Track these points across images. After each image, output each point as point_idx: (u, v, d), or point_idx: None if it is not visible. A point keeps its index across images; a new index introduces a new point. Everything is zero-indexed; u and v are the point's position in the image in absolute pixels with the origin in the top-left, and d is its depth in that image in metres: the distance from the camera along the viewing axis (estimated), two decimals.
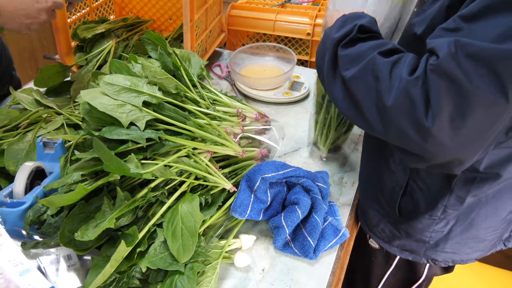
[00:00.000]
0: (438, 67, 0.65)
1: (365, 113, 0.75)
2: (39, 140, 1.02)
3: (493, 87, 0.62)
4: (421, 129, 0.68)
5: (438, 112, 0.65)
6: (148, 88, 0.93)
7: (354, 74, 0.76)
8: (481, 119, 0.65)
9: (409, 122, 0.68)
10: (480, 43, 0.62)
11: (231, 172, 1.03)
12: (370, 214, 1.09)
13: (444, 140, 0.68)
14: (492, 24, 0.63)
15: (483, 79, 0.62)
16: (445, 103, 0.65)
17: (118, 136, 0.86)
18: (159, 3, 1.67)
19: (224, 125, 1.02)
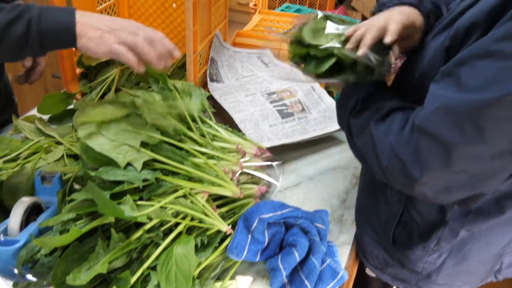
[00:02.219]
0: (420, 127, 0.72)
1: (371, 167, 0.84)
2: (37, 173, 1.02)
3: (474, 137, 0.66)
4: (412, 180, 0.74)
5: (425, 166, 0.72)
6: (146, 129, 0.92)
7: (360, 144, 0.86)
8: (467, 167, 0.70)
9: (403, 176, 0.76)
10: (460, 97, 0.67)
11: (229, 211, 1.02)
12: (365, 240, 1.08)
13: (434, 188, 0.75)
14: (476, 71, 0.66)
15: (463, 132, 0.67)
16: (431, 158, 0.71)
17: (114, 177, 0.86)
18: (165, 30, 1.68)
19: (222, 164, 1.01)
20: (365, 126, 0.84)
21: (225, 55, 1.58)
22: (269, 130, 1.28)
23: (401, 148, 0.75)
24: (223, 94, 1.39)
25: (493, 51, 0.64)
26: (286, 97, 1.39)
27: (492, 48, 0.64)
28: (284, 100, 1.38)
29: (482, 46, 0.66)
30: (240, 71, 1.56)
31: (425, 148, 0.71)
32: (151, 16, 1.66)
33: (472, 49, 0.68)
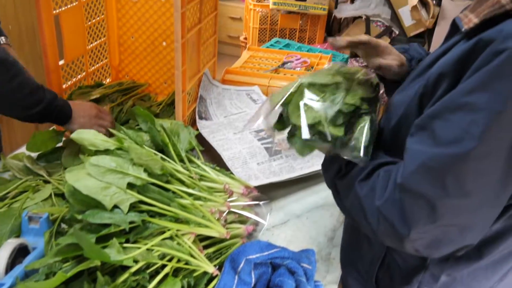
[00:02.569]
0: (403, 186, 0.72)
1: (362, 227, 0.84)
2: (24, 214, 1.02)
3: (456, 191, 0.68)
4: (401, 238, 0.75)
5: (412, 223, 0.72)
6: (133, 170, 0.93)
7: (348, 205, 0.87)
8: (453, 221, 0.71)
9: (392, 235, 0.76)
10: (437, 152, 0.68)
11: (216, 252, 1.02)
12: (349, 281, 1.08)
13: (424, 243, 0.75)
14: (449, 125, 0.68)
15: (445, 187, 0.68)
16: (417, 215, 0.71)
17: (100, 220, 0.87)
18: (154, 67, 1.71)
19: (209, 204, 1.02)
20: (351, 187, 0.84)
21: (214, 93, 1.61)
22: (257, 168, 1.30)
23: (386, 209, 0.75)
24: (211, 132, 1.41)
25: (463, 104, 0.66)
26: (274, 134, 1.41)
27: (461, 101, 0.67)
28: (272, 137, 1.40)
29: (452, 99, 0.69)
30: (229, 108, 1.58)
31: (410, 206, 0.72)
32: (141, 53, 1.69)
33: (443, 102, 0.70)
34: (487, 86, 0.64)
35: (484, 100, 0.64)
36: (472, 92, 0.65)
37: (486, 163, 0.65)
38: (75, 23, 1.44)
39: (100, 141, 0.99)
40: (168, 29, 1.62)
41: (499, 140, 0.65)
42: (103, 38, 1.63)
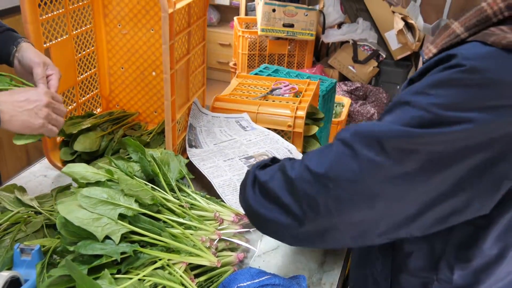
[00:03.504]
0: (343, 139, 0.82)
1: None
2: (16, 246, 1.03)
3: (381, 154, 0.76)
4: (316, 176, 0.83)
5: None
6: (124, 200, 0.95)
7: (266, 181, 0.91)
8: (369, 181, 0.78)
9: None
10: (376, 124, 0.79)
11: (207, 280, 1.03)
12: None
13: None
14: (395, 114, 0.79)
15: (374, 148, 0.77)
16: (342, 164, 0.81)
17: (92, 252, 0.88)
18: (144, 97, 1.73)
19: (199, 233, 1.03)
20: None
21: (203, 121, 1.63)
22: None
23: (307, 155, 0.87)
24: (202, 159, 1.42)
25: (408, 100, 0.77)
26: None
27: (406, 98, 0.78)
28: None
29: (400, 96, 0.80)
30: (218, 136, 1.60)
31: (338, 154, 0.81)
32: (131, 83, 1.72)
33: (395, 98, 0.82)
34: (430, 90, 0.75)
35: (425, 102, 0.74)
36: (418, 93, 0.76)
37: (412, 146, 0.74)
38: (66, 56, 1.47)
39: (91, 173, 1.00)
40: (158, 59, 1.65)
41: (441, 138, 0.72)
42: (93, 69, 1.65)
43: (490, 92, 0.71)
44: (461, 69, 0.72)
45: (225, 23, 5.01)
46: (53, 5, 1.36)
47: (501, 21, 0.77)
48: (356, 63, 3.94)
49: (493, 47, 0.73)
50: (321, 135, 2.47)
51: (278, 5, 3.56)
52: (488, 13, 0.78)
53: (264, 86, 1.96)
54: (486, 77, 0.71)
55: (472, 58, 0.73)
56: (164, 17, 1.18)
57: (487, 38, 0.75)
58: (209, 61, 4.85)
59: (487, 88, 0.71)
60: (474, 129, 0.71)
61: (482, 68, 0.71)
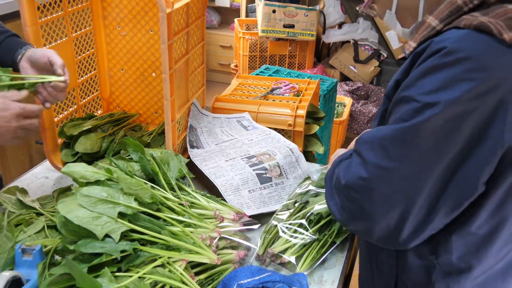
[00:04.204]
0: (356, 149, 0.91)
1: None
2: (17, 247, 1.03)
3: (382, 157, 0.83)
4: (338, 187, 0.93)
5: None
6: (124, 199, 0.95)
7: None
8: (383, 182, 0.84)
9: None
10: (383, 129, 0.86)
11: (208, 278, 1.03)
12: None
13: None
14: (394, 113, 0.86)
15: (376, 153, 0.84)
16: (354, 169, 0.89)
17: (92, 250, 0.88)
18: (145, 98, 1.73)
19: (199, 231, 1.03)
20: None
21: (204, 122, 1.63)
22: (248, 196, 1.32)
23: (341, 167, 0.96)
24: (203, 160, 1.43)
25: (401, 97, 0.84)
26: (265, 160, 1.43)
27: (400, 95, 0.85)
28: (263, 163, 1.42)
29: (396, 96, 0.87)
30: (220, 136, 1.60)
31: (355, 165, 0.89)
32: (131, 85, 1.72)
33: (392, 100, 0.89)
34: (416, 82, 0.81)
35: (414, 93, 0.81)
36: (407, 87, 0.83)
37: (412, 141, 0.80)
38: (66, 58, 1.47)
39: (91, 173, 1.01)
40: (157, 61, 1.66)
41: (426, 125, 0.79)
42: (93, 71, 1.66)
43: (463, 68, 0.77)
44: (439, 54, 0.79)
45: (225, 25, 5.02)
46: (52, 8, 1.36)
47: (472, 9, 0.84)
48: (357, 63, 3.94)
49: (465, 29, 0.79)
50: (323, 134, 2.47)
51: (278, 6, 3.57)
52: (459, 3, 0.84)
53: (264, 86, 1.97)
54: (458, 57, 0.77)
55: (446, 42, 0.79)
56: (162, 17, 1.19)
57: (458, 23, 0.81)
58: (210, 63, 4.86)
59: (460, 66, 0.77)
60: (457, 104, 0.77)
61: (455, 49, 0.77)
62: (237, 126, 1.66)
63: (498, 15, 0.79)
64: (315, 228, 1.21)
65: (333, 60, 4.00)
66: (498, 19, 0.78)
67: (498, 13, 0.80)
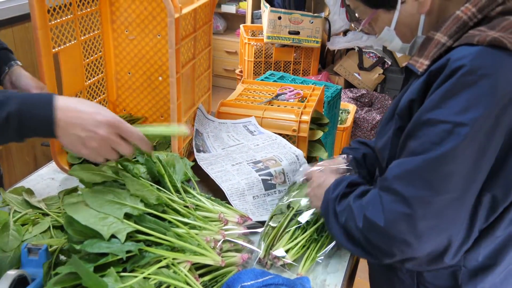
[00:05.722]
0: (382, 187, 0.91)
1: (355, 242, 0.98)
2: (23, 246, 1.05)
3: (424, 189, 0.84)
4: (380, 230, 0.90)
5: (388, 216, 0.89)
6: (130, 200, 0.96)
7: (345, 221, 1.01)
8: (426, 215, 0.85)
9: (374, 229, 0.92)
10: (411, 160, 0.87)
11: (212, 280, 1.04)
12: None
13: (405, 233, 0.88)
14: (419, 137, 0.87)
15: (416, 186, 0.85)
16: (393, 209, 0.88)
17: (98, 250, 0.89)
18: (151, 101, 1.75)
19: (204, 233, 1.05)
20: (348, 206, 1.01)
21: (210, 127, 1.65)
22: (252, 202, 1.33)
23: (368, 209, 0.93)
24: (210, 163, 1.44)
25: (425, 120, 0.85)
26: (271, 165, 1.44)
27: (424, 118, 0.85)
28: (269, 168, 1.43)
29: (418, 118, 0.87)
30: (226, 141, 1.61)
31: (388, 202, 0.89)
32: (137, 88, 1.74)
33: (412, 122, 0.89)
34: (442, 103, 0.83)
35: (442, 115, 0.82)
36: (432, 109, 0.84)
37: (451, 166, 0.82)
38: (74, 61, 1.49)
39: (97, 174, 1.02)
40: (164, 65, 1.67)
41: (461, 146, 0.81)
42: (100, 74, 1.68)
43: (487, 85, 0.80)
44: (461, 73, 0.80)
45: (231, 31, 5.05)
46: (62, 11, 1.38)
47: (477, 23, 0.89)
48: (361, 70, 3.95)
49: (479, 46, 0.82)
50: (327, 140, 2.48)
51: (284, 13, 3.59)
52: (464, 19, 0.89)
53: (269, 91, 1.98)
54: (481, 74, 0.80)
55: (464, 60, 0.82)
56: (171, 21, 1.21)
57: (471, 39, 0.84)
58: (215, 69, 4.88)
59: (484, 83, 0.80)
60: (487, 120, 0.80)
61: (477, 67, 0.80)
62: (243, 131, 1.67)
63: (505, 28, 0.83)
64: (312, 229, 1.23)
65: (338, 67, 4.01)
66: (506, 32, 0.82)
67: (504, 26, 0.83)
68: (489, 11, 0.88)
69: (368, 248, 0.95)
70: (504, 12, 0.87)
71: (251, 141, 1.60)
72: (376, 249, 0.93)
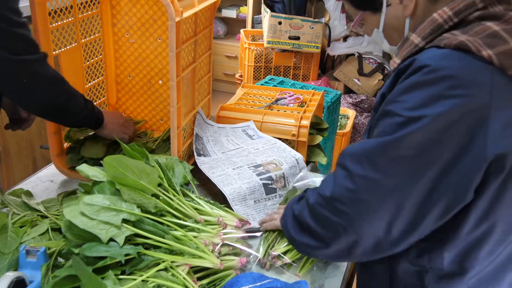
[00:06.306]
0: (340, 163, 0.95)
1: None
2: (22, 248, 1.04)
3: (369, 170, 0.88)
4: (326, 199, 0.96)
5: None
6: (127, 206, 0.97)
7: (299, 211, 1.06)
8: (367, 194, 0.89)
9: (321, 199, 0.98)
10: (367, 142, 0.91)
11: (210, 283, 1.04)
12: None
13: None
14: (378, 126, 0.91)
15: (363, 166, 0.89)
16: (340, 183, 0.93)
17: (97, 254, 0.89)
18: (151, 105, 1.75)
19: (202, 236, 1.05)
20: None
21: (209, 131, 1.65)
22: (253, 207, 1.33)
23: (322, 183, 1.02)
24: (211, 167, 1.44)
25: (386, 111, 0.89)
26: (272, 169, 1.44)
27: (385, 109, 0.89)
28: (270, 172, 1.43)
29: (381, 109, 0.91)
30: (226, 145, 1.61)
31: (339, 177, 0.93)
32: (138, 91, 1.74)
33: (377, 113, 0.93)
34: (400, 97, 0.86)
35: (398, 108, 0.85)
36: (391, 102, 0.88)
37: (398, 152, 0.84)
38: (74, 63, 1.50)
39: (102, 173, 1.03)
40: (164, 68, 1.68)
41: (411, 137, 0.83)
42: (101, 77, 1.68)
43: (445, 86, 0.81)
44: (423, 72, 0.84)
45: (231, 35, 5.05)
46: (63, 14, 1.38)
47: (452, 27, 0.90)
48: (361, 76, 3.96)
49: (446, 49, 0.84)
50: (326, 145, 2.48)
51: (284, 18, 3.60)
52: (439, 21, 0.90)
53: (269, 96, 1.98)
54: (441, 75, 0.82)
55: (429, 60, 0.84)
56: (171, 25, 1.21)
57: (440, 42, 0.86)
58: (215, 73, 4.89)
59: (443, 83, 0.82)
60: (440, 119, 0.81)
61: (439, 67, 0.82)
62: (243, 135, 1.67)
63: (477, 33, 0.84)
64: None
65: (338, 73, 4.02)
66: (476, 37, 0.83)
67: (476, 31, 0.85)
68: (466, 15, 0.89)
69: (316, 229, 0.97)
70: (481, 17, 0.88)
71: (250, 145, 1.60)
72: (323, 228, 0.96)
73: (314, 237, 1.00)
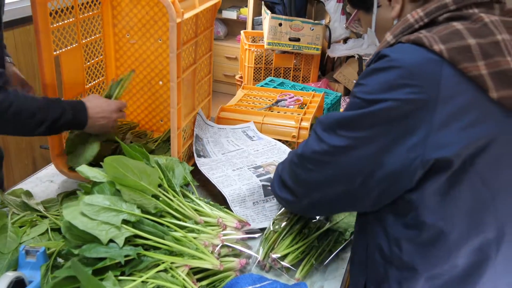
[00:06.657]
0: (314, 128, 1.03)
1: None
2: (21, 248, 1.04)
3: (330, 137, 0.96)
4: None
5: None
6: (127, 207, 0.97)
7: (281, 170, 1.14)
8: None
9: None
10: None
11: (209, 284, 1.04)
12: None
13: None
14: (347, 105, 0.97)
15: (328, 132, 0.97)
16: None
17: (97, 255, 0.89)
18: (151, 105, 1.75)
19: (202, 237, 1.05)
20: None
21: (209, 132, 1.65)
22: (252, 208, 1.33)
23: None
24: (211, 168, 1.44)
25: (352, 91, 0.96)
26: (271, 170, 1.44)
27: (352, 90, 0.96)
28: (270, 174, 1.43)
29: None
30: (226, 146, 1.61)
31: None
32: (138, 92, 1.74)
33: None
34: (361, 81, 0.93)
35: (358, 91, 0.93)
36: (356, 85, 0.95)
37: (352, 125, 0.92)
38: (75, 64, 1.50)
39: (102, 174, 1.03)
40: (165, 69, 1.68)
41: (363, 117, 0.90)
42: (101, 78, 1.68)
43: (397, 74, 0.87)
44: (382, 60, 0.90)
45: (232, 36, 5.05)
46: (63, 14, 1.38)
47: (423, 26, 0.94)
48: None
49: (405, 43, 0.90)
50: None
51: (285, 20, 3.60)
52: (411, 21, 0.95)
53: (269, 97, 1.99)
54: (394, 65, 0.87)
55: (388, 51, 0.90)
56: (172, 26, 1.21)
57: (402, 38, 0.92)
58: (215, 74, 4.89)
59: (394, 72, 0.87)
60: (388, 105, 0.87)
61: (394, 58, 0.88)
62: (243, 137, 1.67)
63: (439, 31, 0.88)
64: (314, 236, 1.23)
65: (338, 75, 4.02)
66: (436, 34, 0.88)
67: (440, 29, 0.89)
68: (437, 17, 0.93)
69: (291, 185, 1.07)
70: (451, 18, 0.92)
71: (250, 146, 1.60)
72: (295, 184, 1.05)
73: (290, 192, 1.08)
